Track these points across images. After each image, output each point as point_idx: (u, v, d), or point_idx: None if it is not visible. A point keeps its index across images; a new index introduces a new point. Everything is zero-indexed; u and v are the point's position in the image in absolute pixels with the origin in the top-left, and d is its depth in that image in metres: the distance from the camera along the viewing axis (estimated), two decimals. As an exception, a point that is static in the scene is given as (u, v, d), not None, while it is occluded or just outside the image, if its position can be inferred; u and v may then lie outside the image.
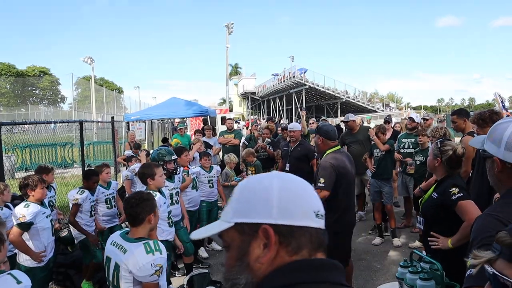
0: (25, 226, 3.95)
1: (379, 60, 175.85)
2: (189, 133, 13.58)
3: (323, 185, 4.06)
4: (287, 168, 6.60)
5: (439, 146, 3.23)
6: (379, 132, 6.63)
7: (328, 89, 41.91)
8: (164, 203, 4.07)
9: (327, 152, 4.32)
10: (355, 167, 7.03)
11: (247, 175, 7.63)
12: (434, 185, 3.34)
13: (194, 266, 5.47)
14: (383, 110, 39.57)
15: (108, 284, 2.68)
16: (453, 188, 3.04)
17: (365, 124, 14.73)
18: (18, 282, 2.17)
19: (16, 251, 4.03)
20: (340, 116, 38.21)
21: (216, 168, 6.61)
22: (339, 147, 4.47)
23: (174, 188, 5.04)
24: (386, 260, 5.81)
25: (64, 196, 8.00)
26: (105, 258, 2.74)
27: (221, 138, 9.72)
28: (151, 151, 6.45)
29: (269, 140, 8.59)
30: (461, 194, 3.01)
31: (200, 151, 7.28)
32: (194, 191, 6.06)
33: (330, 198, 4.06)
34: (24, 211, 3.93)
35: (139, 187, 4.68)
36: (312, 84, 40.98)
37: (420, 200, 3.58)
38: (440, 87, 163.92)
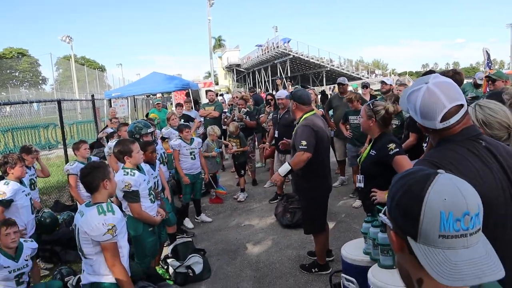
0: (6, 204, 4.05)
1: (363, 27, 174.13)
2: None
3: (305, 147, 4.05)
4: (276, 135, 6.75)
5: (371, 107, 3.42)
6: (354, 99, 6.69)
7: (313, 58, 41.73)
8: (144, 180, 4.04)
9: (303, 116, 4.31)
10: (339, 132, 7.18)
11: (232, 147, 7.72)
12: (371, 143, 3.53)
13: (178, 236, 5.59)
14: (367, 77, 39.56)
15: (78, 249, 2.87)
16: (390, 144, 3.27)
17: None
18: None
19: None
20: (326, 84, 38.20)
21: (197, 140, 6.68)
22: (314, 111, 4.46)
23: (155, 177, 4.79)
24: (365, 221, 5.98)
25: (49, 178, 8.00)
26: (74, 226, 2.91)
27: (202, 110, 9.77)
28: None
29: (245, 110, 8.63)
30: (398, 150, 3.24)
31: (175, 125, 7.33)
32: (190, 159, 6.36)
33: (308, 162, 4.10)
34: (4, 188, 4.03)
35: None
36: (296, 53, 40.74)
37: (358, 159, 3.77)
38: (425, 53, 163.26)
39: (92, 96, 11.16)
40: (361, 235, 3.09)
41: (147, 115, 12.68)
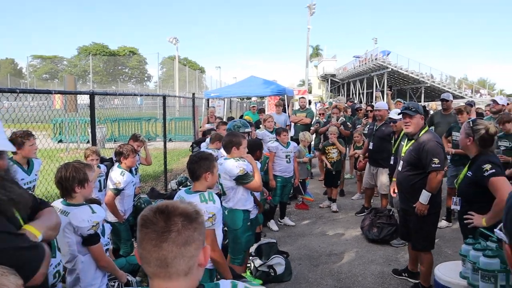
0: (118, 191, 4.53)
1: (470, 43, 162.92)
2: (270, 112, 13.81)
3: (439, 165, 3.87)
4: (370, 147, 6.63)
5: (471, 125, 3.26)
6: (464, 110, 6.31)
7: (412, 73, 39.92)
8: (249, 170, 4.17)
9: (423, 131, 4.11)
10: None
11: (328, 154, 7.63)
12: (468, 164, 3.31)
13: (262, 236, 5.68)
14: (471, 97, 36.92)
15: None
16: (486, 165, 3.08)
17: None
18: (93, 212, 2.75)
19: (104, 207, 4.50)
20: (424, 101, 36.35)
21: (293, 144, 6.76)
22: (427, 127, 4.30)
23: None
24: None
25: (147, 167, 8.58)
26: None
27: (293, 116, 9.86)
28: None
29: (343, 119, 8.56)
30: (494, 171, 3.01)
31: (270, 127, 7.47)
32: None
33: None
34: (120, 178, 4.51)
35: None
36: (395, 67, 39.28)
37: (455, 180, 3.56)
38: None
39: (193, 94, 11.77)
40: (454, 259, 2.92)
41: (241, 117, 13.08)
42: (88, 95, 5.74)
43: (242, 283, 1.29)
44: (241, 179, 3.96)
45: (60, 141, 15.71)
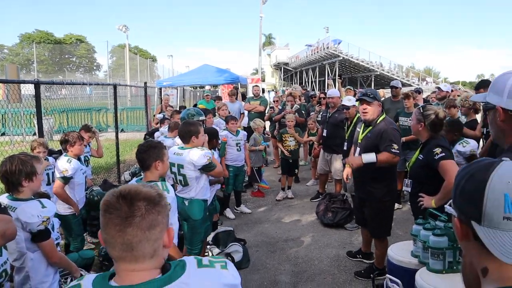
0: (66, 180, 4.28)
1: (418, 32, 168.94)
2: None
3: (398, 151, 3.95)
4: (324, 134, 6.73)
5: (421, 111, 3.38)
6: (411, 95, 6.57)
7: (363, 61, 40.92)
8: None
9: (380, 118, 4.15)
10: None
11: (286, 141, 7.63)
12: (420, 148, 3.46)
13: (219, 224, 5.68)
14: (418, 84, 38.39)
15: None
16: (436, 149, 3.21)
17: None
18: (43, 206, 2.62)
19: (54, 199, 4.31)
20: (374, 88, 37.35)
21: (243, 132, 6.76)
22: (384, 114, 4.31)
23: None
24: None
25: (99, 159, 8.34)
26: None
27: (247, 104, 9.87)
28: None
29: (298, 106, 8.64)
30: (443, 154, 3.15)
31: (224, 116, 7.43)
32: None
33: (391, 166, 4.05)
34: (67, 165, 4.28)
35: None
36: (346, 55, 40.10)
37: (407, 163, 3.71)
38: (482, 62, 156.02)
39: (145, 83, 11.50)
40: (406, 239, 3.03)
41: (195, 106, 12.92)
42: (33, 85, 5.45)
43: (206, 258, 1.31)
44: (207, 167, 3.95)
45: (3, 133, 14.96)
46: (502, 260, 0.88)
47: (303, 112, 8.83)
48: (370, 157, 3.97)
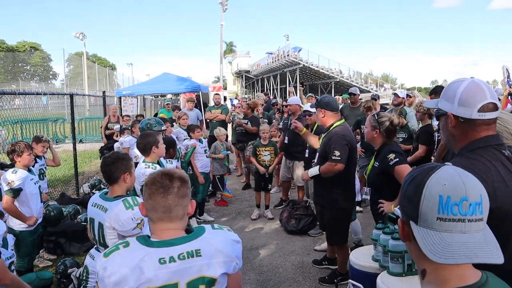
0: (15, 192, 4.01)
1: (375, 40, 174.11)
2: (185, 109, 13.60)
3: (339, 158, 3.93)
4: (286, 141, 6.77)
5: (376, 118, 3.45)
6: (373, 107, 6.71)
7: (323, 69, 41.75)
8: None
9: (334, 124, 4.15)
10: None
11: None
12: (374, 154, 3.56)
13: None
14: (376, 91, 39.51)
15: (96, 242, 2.79)
16: (390, 154, 3.31)
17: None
18: None
19: (6, 215, 4.09)
20: (334, 95, 38.13)
21: (204, 140, 6.88)
22: (343, 120, 4.32)
23: None
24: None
25: (55, 171, 8.08)
26: (88, 219, 2.84)
27: (208, 113, 9.82)
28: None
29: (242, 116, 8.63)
30: (398, 159, 3.26)
31: (185, 125, 7.38)
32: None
33: (343, 173, 4.02)
34: (12, 176, 3.99)
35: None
36: (306, 63, 40.77)
37: (364, 172, 3.79)
38: (436, 69, 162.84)
39: (104, 92, 11.24)
40: (367, 244, 3.09)
41: (155, 115, 12.73)
42: (-17, 95, 5.20)
43: (216, 224, 1.80)
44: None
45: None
46: (431, 258, 0.91)
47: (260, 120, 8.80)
48: (314, 171, 4.15)
